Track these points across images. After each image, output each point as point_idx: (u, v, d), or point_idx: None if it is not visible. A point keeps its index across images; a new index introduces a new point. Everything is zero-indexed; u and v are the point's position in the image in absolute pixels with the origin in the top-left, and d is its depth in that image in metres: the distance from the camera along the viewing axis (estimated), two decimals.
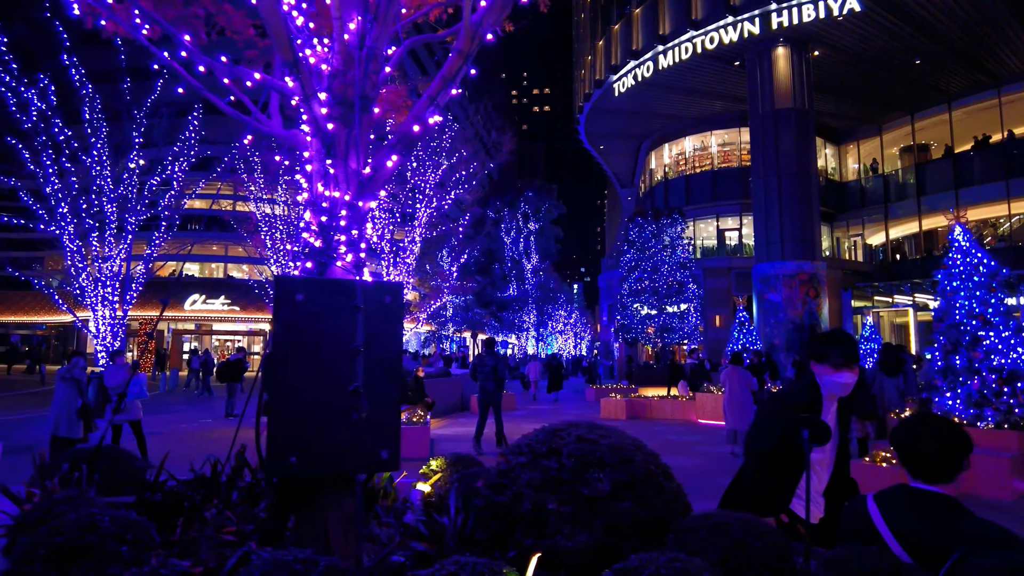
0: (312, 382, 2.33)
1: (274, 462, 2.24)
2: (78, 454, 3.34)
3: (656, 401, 16.15)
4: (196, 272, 47.14)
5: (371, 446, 2.37)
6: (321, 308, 2.35)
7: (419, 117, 3.36)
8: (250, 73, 3.53)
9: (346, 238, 2.97)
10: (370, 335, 2.42)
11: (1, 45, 15.21)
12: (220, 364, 16.43)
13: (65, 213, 16.74)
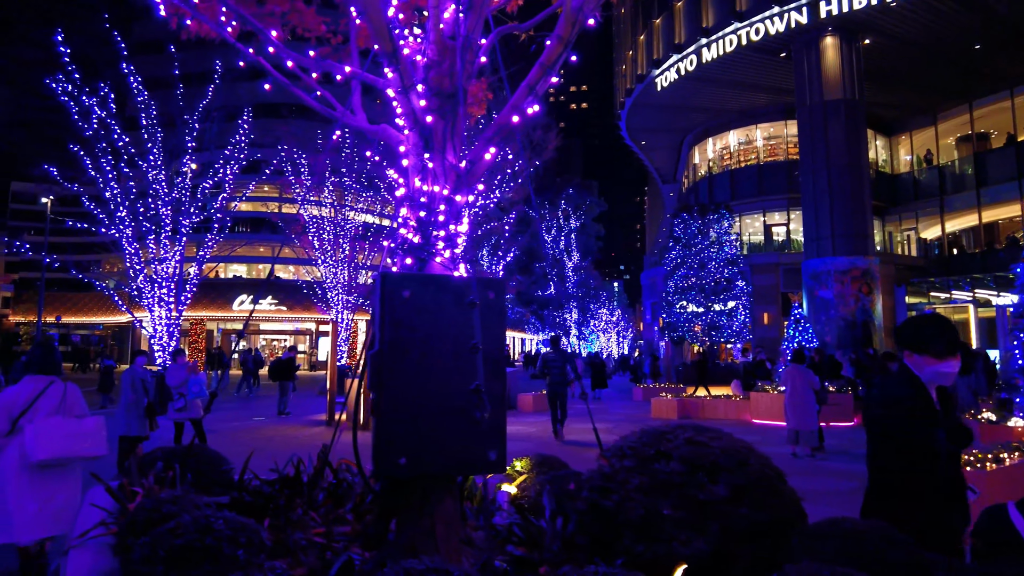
0: (419, 380, 2.29)
1: (383, 462, 2.21)
2: (169, 453, 3.36)
3: (708, 401, 15.83)
4: (243, 273, 48.23)
5: (478, 447, 2.33)
6: (427, 304, 2.31)
7: (517, 107, 3.28)
8: (340, 67, 3.51)
9: (444, 233, 2.92)
10: (473, 330, 2.36)
11: (65, 56, 15.74)
12: (272, 363, 16.72)
13: (123, 216, 17.24)
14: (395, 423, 2.27)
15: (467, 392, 2.35)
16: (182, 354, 9.87)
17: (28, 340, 52.51)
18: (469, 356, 2.35)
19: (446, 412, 2.32)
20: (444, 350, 2.34)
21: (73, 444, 4.46)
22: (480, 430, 2.33)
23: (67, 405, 4.71)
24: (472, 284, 2.39)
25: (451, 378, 2.34)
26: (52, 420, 4.51)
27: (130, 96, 17.67)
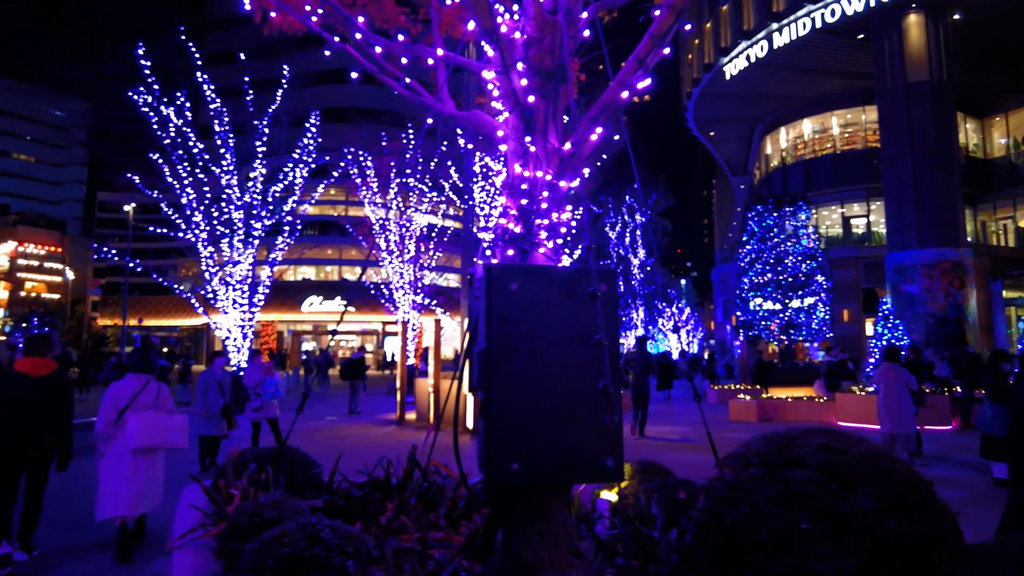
0: (530, 380, 2.13)
1: (495, 468, 2.05)
2: (261, 454, 3.19)
3: (790, 403, 14.96)
4: (312, 275, 49.46)
5: (595, 452, 2.16)
6: (535, 298, 2.14)
7: (625, 83, 2.98)
8: (431, 51, 3.30)
9: (548, 222, 2.65)
10: (587, 326, 2.18)
11: (145, 69, 16.29)
12: (343, 363, 16.86)
13: (199, 221, 17.73)
14: (507, 426, 2.10)
15: (580, 393, 2.17)
16: (258, 355, 9.93)
17: (114, 342, 55.39)
18: (581, 353, 2.17)
19: (559, 414, 2.14)
20: (554, 347, 2.17)
21: (165, 436, 5.41)
22: (596, 434, 2.16)
23: (160, 401, 5.63)
24: (593, 275, 2.13)
25: (563, 377, 2.16)
26: (149, 413, 5.41)
27: (204, 104, 18.17)
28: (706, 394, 21.56)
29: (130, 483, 5.26)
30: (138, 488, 5.29)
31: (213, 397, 8.83)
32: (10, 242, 77.17)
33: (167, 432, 5.42)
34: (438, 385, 13.19)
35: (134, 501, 5.26)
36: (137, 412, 5.36)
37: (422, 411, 14.51)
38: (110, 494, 5.26)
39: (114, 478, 5.27)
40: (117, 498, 5.23)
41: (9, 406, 5.13)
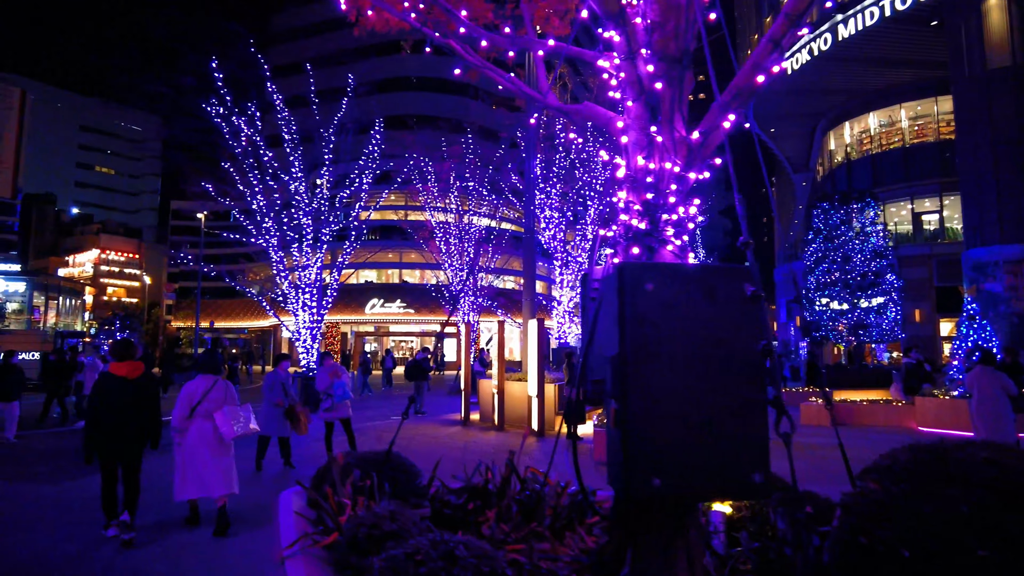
0: (668, 387, 1.98)
1: (633, 482, 1.90)
2: (364, 460, 3.29)
3: (865, 406, 14.46)
4: (374, 278, 50.59)
5: (740, 467, 1.96)
6: (672, 299, 1.99)
7: (759, 66, 2.91)
8: (542, 43, 3.32)
9: (676, 217, 2.62)
10: (729, 329, 2.04)
11: (217, 81, 17.08)
12: (408, 364, 17.20)
13: (269, 227, 18.42)
14: (645, 438, 1.95)
15: (723, 402, 2.02)
16: (328, 357, 10.21)
17: (187, 343, 57.95)
18: (723, 359, 2.02)
19: (701, 425, 1.97)
20: (694, 352, 2.02)
21: (244, 426, 6.26)
22: (742, 447, 1.95)
23: (229, 397, 6.32)
24: (754, 273, 2.01)
25: (704, 385, 2.00)
26: (228, 408, 6.16)
27: (273, 114, 18.89)
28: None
29: (215, 468, 6.08)
30: (208, 473, 6.04)
31: (277, 398, 9.18)
32: (94, 250, 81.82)
33: (246, 423, 6.30)
34: (502, 386, 13.33)
35: (205, 485, 6.02)
36: (212, 409, 6.12)
37: (486, 412, 14.67)
38: (186, 479, 6.06)
39: (188, 465, 6.04)
40: (192, 482, 6.03)
41: (110, 406, 5.76)
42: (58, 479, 8.51)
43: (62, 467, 9.28)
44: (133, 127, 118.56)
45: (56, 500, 7.42)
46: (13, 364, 12.08)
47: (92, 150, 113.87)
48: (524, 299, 15.31)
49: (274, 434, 9.18)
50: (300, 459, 10.09)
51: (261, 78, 18.40)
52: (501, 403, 13.28)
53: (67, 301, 56.23)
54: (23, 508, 7.06)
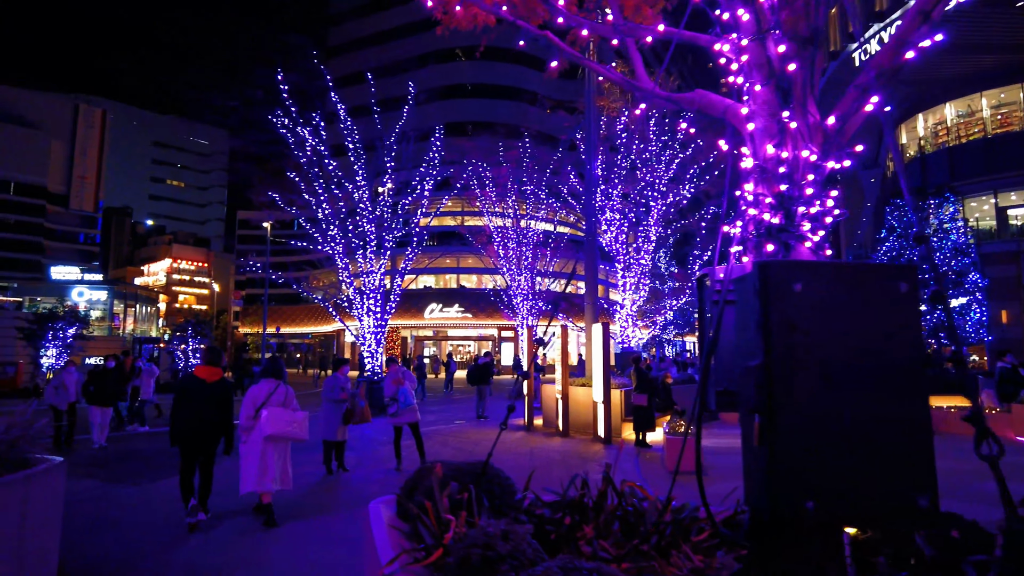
0: (821, 400, 1.75)
1: (782, 505, 1.71)
2: (460, 472, 3.16)
3: (953, 413, 13.61)
4: (432, 283, 51.20)
5: (903, 488, 1.72)
6: (825, 301, 1.76)
7: (906, 41, 2.68)
8: (651, 28, 3.19)
9: (814, 211, 2.42)
10: (887, 334, 1.80)
11: (283, 92, 17.56)
12: (471, 368, 17.21)
13: (335, 235, 18.78)
14: (795, 456, 1.74)
15: (884, 416, 1.78)
16: (394, 362, 10.24)
17: (254, 348, 59.91)
18: (882, 367, 1.79)
19: (860, 441, 1.73)
20: (850, 359, 1.78)
21: (289, 428, 6.73)
22: (905, 467, 1.71)
23: (287, 400, 6.93)
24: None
25: (861, 396, 1.77)
26: (277, 409, 6.74)
27: (336, 124, 19.28)
28: None
29: (273, 466, 6.69)
30: (267, 470, 6.64)
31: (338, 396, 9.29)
32: (166, 260, 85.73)
33: (291, 425, 6.75)
34: (567, 391, 13.15)
35: (264, 480, 6.63)
36: (269, 408, 6.73)
37: (549, 418, 14.52)
38: (249, 473, 6.67)
39: (251, 461, 6.67)
40: (252, 477, 6.63)
41: (191, 404, 6.55)
42: (138, 480, 8.82)
43: (138, 470, 9.63)
44: (201, 141, 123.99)
45: (142, 498, 7.69)
46: (109, 369, 12.28)
47: (164, 164, 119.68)
48: (586, 303, 15.09)
49: (333, 437, 9.27)
50: (360, 462, 10.18)
51: (324, 89, 18.84)
52: (566, 409, 13.11)
53: (143, 308, 59.04)
54: (115, 506, 7.33)
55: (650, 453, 11.12)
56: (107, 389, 11.77)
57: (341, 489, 8.47)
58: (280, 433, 6.66)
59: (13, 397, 23.01)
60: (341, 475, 9.22)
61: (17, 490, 3.94)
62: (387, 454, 10.83)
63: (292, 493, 7.91)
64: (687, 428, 9.76)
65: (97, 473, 9.33)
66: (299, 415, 6.91)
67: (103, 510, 7.25)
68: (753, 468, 1.95)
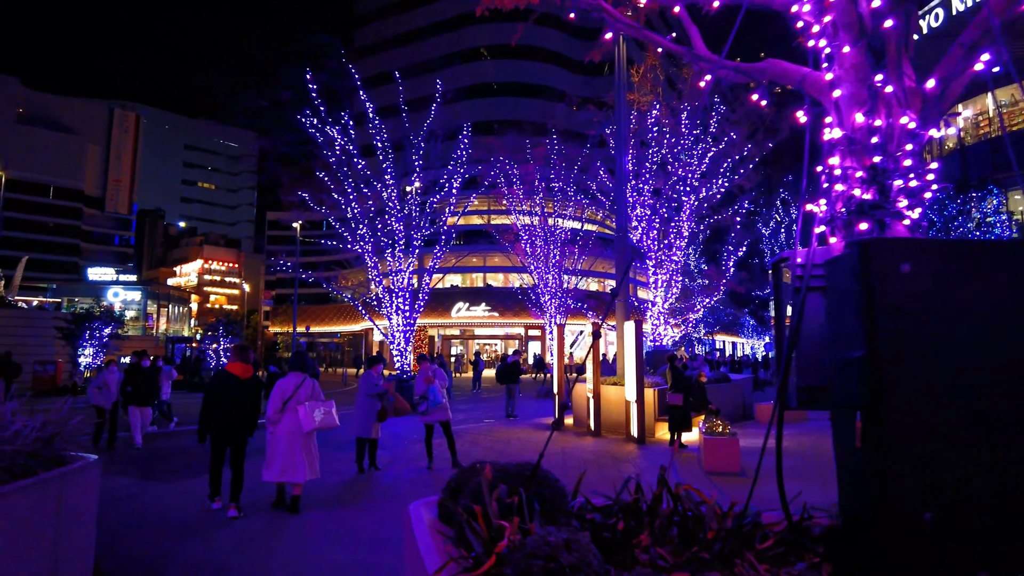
0: (938, 400, 1.53)
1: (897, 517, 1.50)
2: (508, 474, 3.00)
3: None
4: (458, 282, 51.25)
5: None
6: (939, 284, 1.54)
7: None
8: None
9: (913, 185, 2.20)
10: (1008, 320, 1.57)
11: (312, 92, 17.61)
12: (499, 366, 17.07)
13: (364, 234, 18.80)
14: (908, 460, 1.52)
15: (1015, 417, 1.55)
16: (425, 360, 10.12)
17: (284, 347, 60.68)
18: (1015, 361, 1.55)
19: (987, 448, 1.51)
20: (971, 352, 1.55)
21: (325, 419, 7.01)
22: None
23: (315, 393, 7.19)
24: None
25: (988, 393, 1.53)
26: (311, 403, 6.96)
27: (364, 124, 19.29)
28: None
29: (301, 457, 6.91)
30: (292, 461, 6.87)
31: (372, 401, 9.20)
32: (198, 260, 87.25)
33: (326, 417, 7.05)
34: (598, 390, 12.94)
35: (287, 470, 6.87)
36: (299, 403, 6.94)
37: (580, 417, 14.31)
38: (272, 464, 6.93)
39: (276, 452, 6.92)
40: (276, 467, 6.89)
41: (224, 398, 6.83)
42: (171, 479, 8.84)
43: (174, 468, 9.66)
44: (231, 144, 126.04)
45: (181, 492, 7.69)
46: (144, 368, 12.02)
47: (195, 167, 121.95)
48: (618, 299, 14.84)
49: (368, 435, 9.18)
50: (391, 460, 10.10)
51: (351, 88, 18.86)
52: (597, 408, 12.89)
53: (176, 309, 60.13)
54: (155, 500, 7.34)
55: (686, 454, 10.86)
56: (143, 388, 11.82)
57: (374, 487, 8.38)
58: (318, 427, 6.98)
59: (53, 395, 23.53)
60: (373, 474, 9.14)
61: (52, 487, 3.89)
62: (418, 452, 10.74)
63: (325, 491, 7.85)
64: (724, 428, 9.49)
65: (129, 471, 9.39)
66: (329, 405, 7.19)
67: (138, 507, 7.26)
68: (851, 472, 1.73)
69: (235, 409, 6.80)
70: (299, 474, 6.88)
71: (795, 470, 9.13)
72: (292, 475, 6.87)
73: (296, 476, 6.87)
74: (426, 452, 9.61)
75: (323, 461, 8.33)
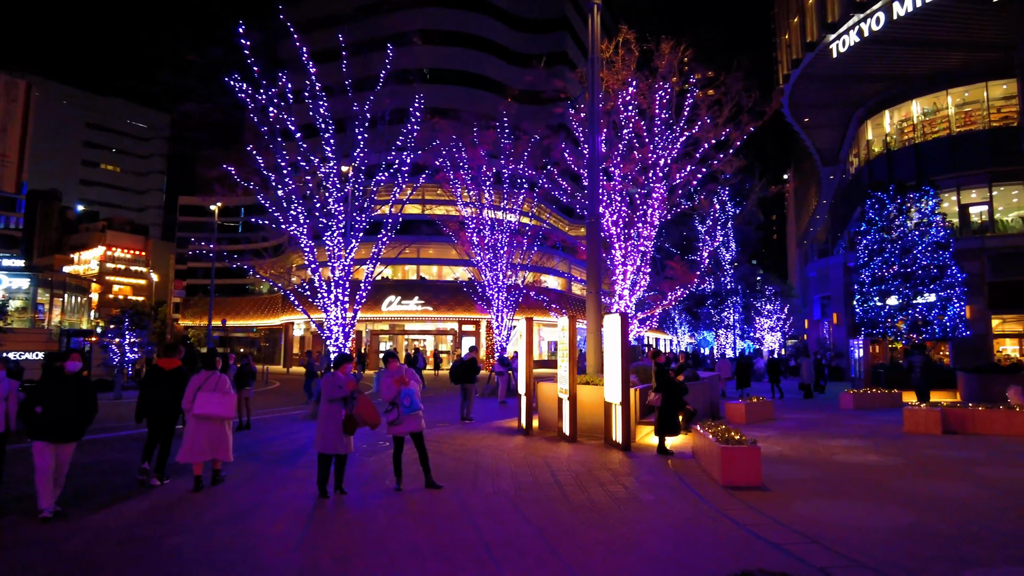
0: None
1: None
2: None
3: (981, 412, 12.74)
4: (389, 274, 48.94)
5: None
6: None
7: None
8: None
9: None
10: None
11: (245, 48, 15.43)
12: (454, 365, 15.52)
13: (299, 215, 16.78)
14: None
15: None
16: (393, 358, 8.48)
17: (196, 342, 56.37)
18: None
19: None
20: None
21: (215, 408, 7.72)
22: None
23: (219, 387, 7.88)
24: None
25: None
26: (206, 394, 7.74)
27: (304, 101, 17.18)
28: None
29: (202, 438, 7.72)
30: (199, 444, 7.68)
31: (335, 408, 7.54)
32: (99, 247, 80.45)
33: (218, 406, 7.74)
34: (574, 391, 11.65)
35: (195, 452, 7.69)
36: (202, 393, 7.74)
37: (548, 420, 13.02)
38: (183, 446, 7.73)
39: (187, 436, 7.74)
40: (186, 448, 7.70)
41: (153, 388, 8.22)
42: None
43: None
44: (139, 124, 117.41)
45: None
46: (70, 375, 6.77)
47: (98, 147, 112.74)
48: (588, 292, 13.63)
49: (335, 450, 7.50)
50: (347, 479, 8.46)
51: (285, 60, 16.83)
52: (573, 411, 11.60)
53: (73, 299, 54.72)
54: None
55: (678, 461, 9.73)
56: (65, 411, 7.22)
57: (346, 527, 6.73)
58: (206, 413, 7.66)
59: None
60: (335, 499, 7.44)
61: None
62: (377, 469, 9.13)
63: (267, 527, 6.15)
64: (740, 435, 8.39)
65: None
66: (228, 398, 7.85)
67: None
68: None
69: (162, 396, 8.12)
70: (203, 455, 7.73)
71: (816, 483, 8.13)
72: (194, 456, 7.68)
73: (198, 457, 7.71)
74: (394, 470, 7.97)
75: (269, 482, 8.33)
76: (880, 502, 7.10)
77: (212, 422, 7.75)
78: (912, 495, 7.44)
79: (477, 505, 6.97)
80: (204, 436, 7.67)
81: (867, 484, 8.06)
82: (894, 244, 25.35)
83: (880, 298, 25.69)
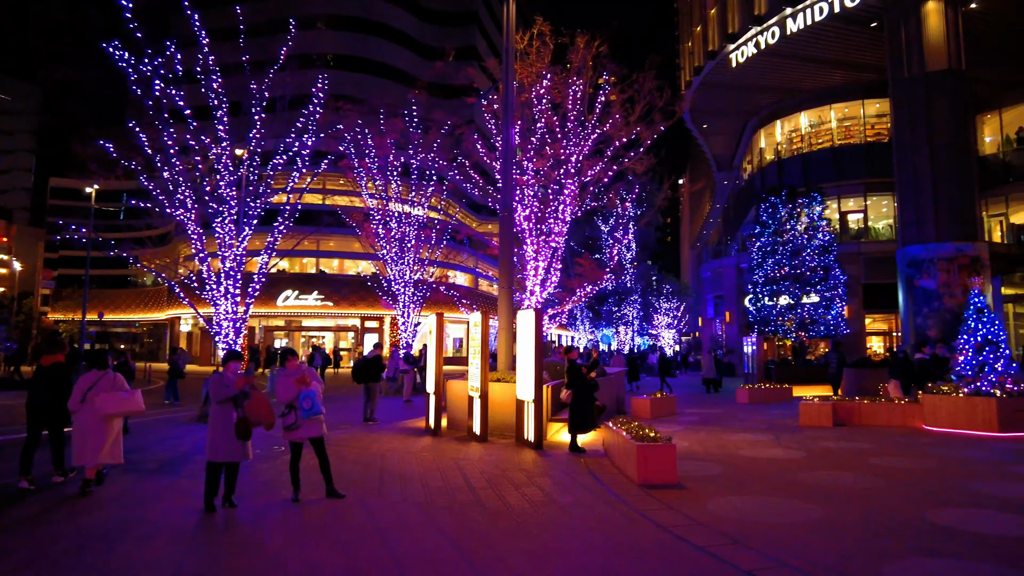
0: None
1: None
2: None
3: (866, 405, 13.53)
4: (286, 267, 46.61)
5: None
6: None
7: None
8: None
9: None
10: None
11: (127, 11, 13.88)
12: (357, 363, 14.69)
13: (186, 198, 15.37)
14: None
15: None
16: (293, 356, 7.74)
17: (67, 337, 51.50)
18: None
19: None
20: None
21: (125, 406, 7.49)
22: None
23: (116, 385, 7.59)
24: None
25: None
26: (109, 393, 7.41)
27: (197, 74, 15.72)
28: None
29: (102, 441, 7.35)
30: (89, 447, 7.27)
31: (225, 412, 6.77)
32: None
33: (125, 403, 7.48)
34: (486, 389, 11.27)
35: (91, 454, 7.28)
36: (101, 393, 7.36)
37: (457, 419, 12.58)
38: (74, 448, 7.33)
39: (77, 438, 7.31)
40: (78, 451, 7.29)
41: (35, 386, 7.89)
42: None
43: None
44: (4, 97, 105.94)
45: None
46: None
47: None
48: (500, 287, 13.29)
49: (225, 457, 6.71)
50: (237, 489, 7.67)
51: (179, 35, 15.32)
52: (484, 410, 11.22)
53: None
54: None
55: (590, 459, 9.57)
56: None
57: (236, 547, 5.97)
58: (119, 411, 7.42)
59: None
60: (224, 513, 6.64)
61: None
62: (271, 477, 8.35)
63: (149, 549, 5.35)
64: (654, 432, 8.29)
65: None
66: (136, 394, 7.60)
67: None
68: None
69: (44, 394, 7.82)
70: (92, 458, 7.28)
71: (727, 480, 8.17)
72: (86, 459, 7.27)
73: (89, 460, 7.28)
74: (291, 479, 7.25)
75: (147, 495, 7.47)
76: (791, 496, 7.19)
77: (111, 422, 7.44)
78: (819, 488, 7.61)
79: (385, 516, 6.42)
80: (104, 436, 7.35)
81: (776, 479, 8.18)
82: (785, 246, 26.78)
83: (771, 298, 27.07)
